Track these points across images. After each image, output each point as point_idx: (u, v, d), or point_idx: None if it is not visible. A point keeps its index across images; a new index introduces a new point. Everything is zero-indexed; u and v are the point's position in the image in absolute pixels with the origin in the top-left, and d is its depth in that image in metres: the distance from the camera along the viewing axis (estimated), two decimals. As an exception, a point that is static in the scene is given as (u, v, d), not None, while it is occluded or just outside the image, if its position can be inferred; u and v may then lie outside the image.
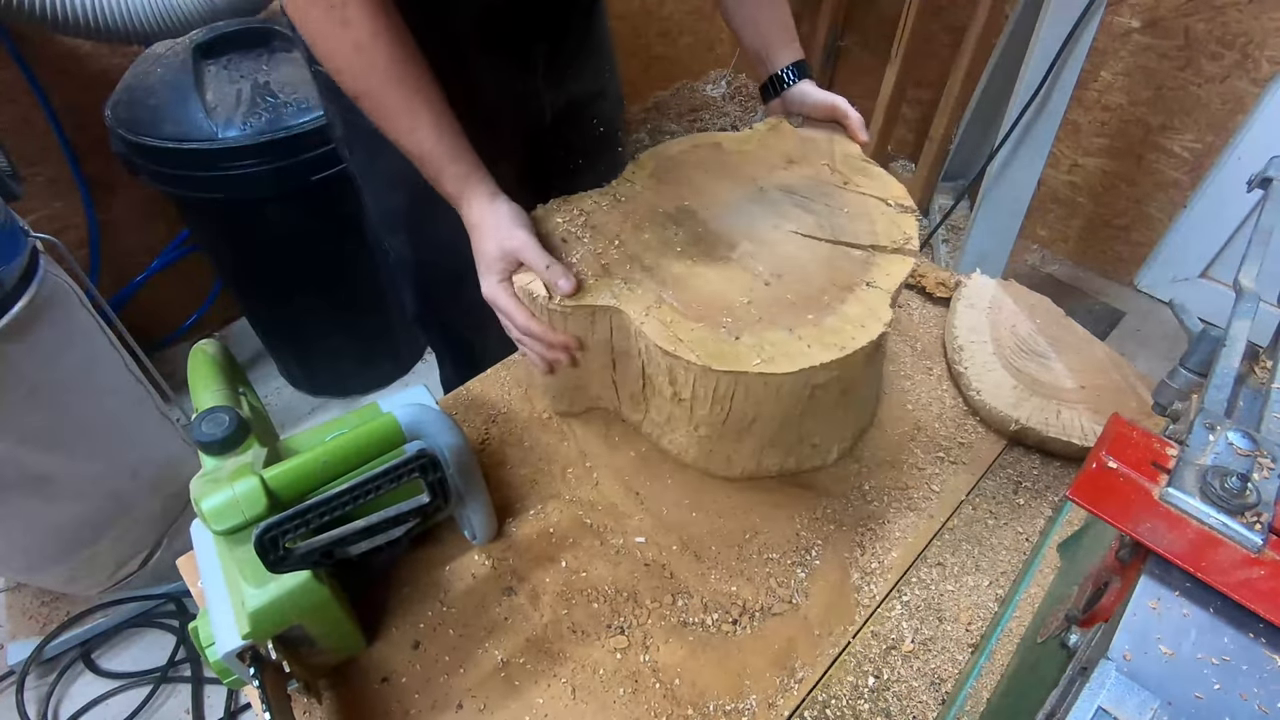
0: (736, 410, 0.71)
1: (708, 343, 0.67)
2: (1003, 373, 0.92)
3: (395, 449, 0.62)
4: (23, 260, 1.07)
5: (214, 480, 0.57)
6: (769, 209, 0.81)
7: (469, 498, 0.71)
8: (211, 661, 0.60)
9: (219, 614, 0.59)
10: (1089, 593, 0.49)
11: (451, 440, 0.66)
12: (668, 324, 0.69)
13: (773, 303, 0.71)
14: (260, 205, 1.54)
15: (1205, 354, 0.60)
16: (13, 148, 1.41)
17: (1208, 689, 0.37)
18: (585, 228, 0.80)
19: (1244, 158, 2.01)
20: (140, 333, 1.48)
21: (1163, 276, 2.34)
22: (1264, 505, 0.42)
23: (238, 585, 0.58)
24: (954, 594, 0.75)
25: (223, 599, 0.60)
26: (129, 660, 1.51)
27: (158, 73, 1.42)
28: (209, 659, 0.60)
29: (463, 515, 0.75)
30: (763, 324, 0.69)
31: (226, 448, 0.64)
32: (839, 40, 2.78)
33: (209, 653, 0.60)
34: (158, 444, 1.41)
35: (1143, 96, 2.10)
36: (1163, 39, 1.99)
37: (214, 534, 0.57)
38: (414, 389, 0.78)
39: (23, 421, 1.14)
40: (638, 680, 0.67)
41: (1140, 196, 2.26)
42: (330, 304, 1.86)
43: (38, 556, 1.32)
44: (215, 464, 0.63)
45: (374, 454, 0.61)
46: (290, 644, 0.61)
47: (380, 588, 0.73)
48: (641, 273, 0.74)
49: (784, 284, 0.73)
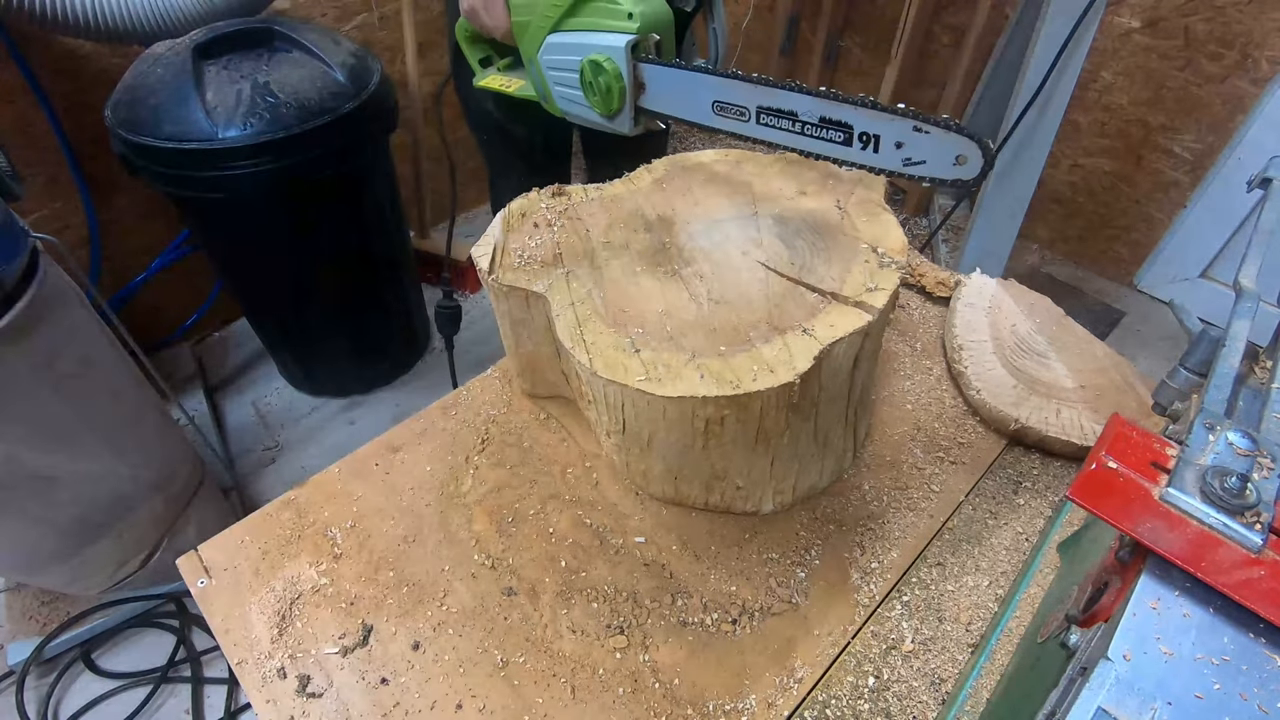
0: (630, 424, 0.70)
1: (606, 349, 0.66)
2: (1002, 372, 0.92)
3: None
4: (23, 260, 1.07)
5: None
6: (747, 235, 0.79)
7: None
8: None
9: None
10: (1089, 593, 0.49)
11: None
12: (580, 321, 0.69)
13: (695, 326, 0.68)
14: (260, 205, 1.54)
15: (1205, 354, 0.60)
16: (13, 148, 1.41)
17: (1208, 689, 0.37)
18: (564, 216, 0.81)
19: (1244, 158, 2.01)
20: (140, 333, 1.49)
21: (1163, 276, 2.34)
22: (1264, 505, 0.42)
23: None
24: (954, 594, 0.75)
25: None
26: (129, 660, 1.51)
27: (158, 73, 1.42)
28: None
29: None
30: (671, 344, 0.66)
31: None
32: (839, 40, 2.78)
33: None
34: (158, 444, 1.41)
35: (1143, 96, 2.11)
36: (1163, 39, 1.99)
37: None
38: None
39: (23, 422, 1.14)
40: (637, 680, 0.67)
41: (1140, 196, 2.26)
42: (330, 304, 1.87)
43: (38, 556, 1.32)
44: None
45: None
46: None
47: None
48: (588, 268, 0.75)
49: (718, 310, 0.70)
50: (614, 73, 0.80)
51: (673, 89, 0.80)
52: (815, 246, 0.76)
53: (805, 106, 0.69)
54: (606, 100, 0.82)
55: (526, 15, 0.91)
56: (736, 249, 0.77)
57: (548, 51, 0.89)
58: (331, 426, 2.04)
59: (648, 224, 0.80)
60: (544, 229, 0.79)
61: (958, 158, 0.63)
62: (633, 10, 0.79)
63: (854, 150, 0.69)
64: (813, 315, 0.68)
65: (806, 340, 0.65)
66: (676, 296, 0.72)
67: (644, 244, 0.78)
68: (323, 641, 0.70)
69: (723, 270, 0.74)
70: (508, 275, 0.75)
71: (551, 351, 0.81)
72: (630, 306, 0.71)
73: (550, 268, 0.75)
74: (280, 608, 0.72)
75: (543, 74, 0.92)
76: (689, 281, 0.73)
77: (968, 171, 0.63)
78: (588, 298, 0.72)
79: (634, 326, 0.68)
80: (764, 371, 0.63)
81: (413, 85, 2.11)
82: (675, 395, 0.62)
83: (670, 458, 0.73)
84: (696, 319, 0.69)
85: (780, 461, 0.75)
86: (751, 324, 0.68)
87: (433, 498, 0.82)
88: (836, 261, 0.74)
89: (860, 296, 0.69)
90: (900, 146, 0.66)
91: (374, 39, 2.15)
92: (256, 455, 1.96)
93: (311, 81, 1.46)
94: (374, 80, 1.56)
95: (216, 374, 2.17)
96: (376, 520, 0.80)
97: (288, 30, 1.50)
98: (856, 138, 0.68)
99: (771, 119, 0.72)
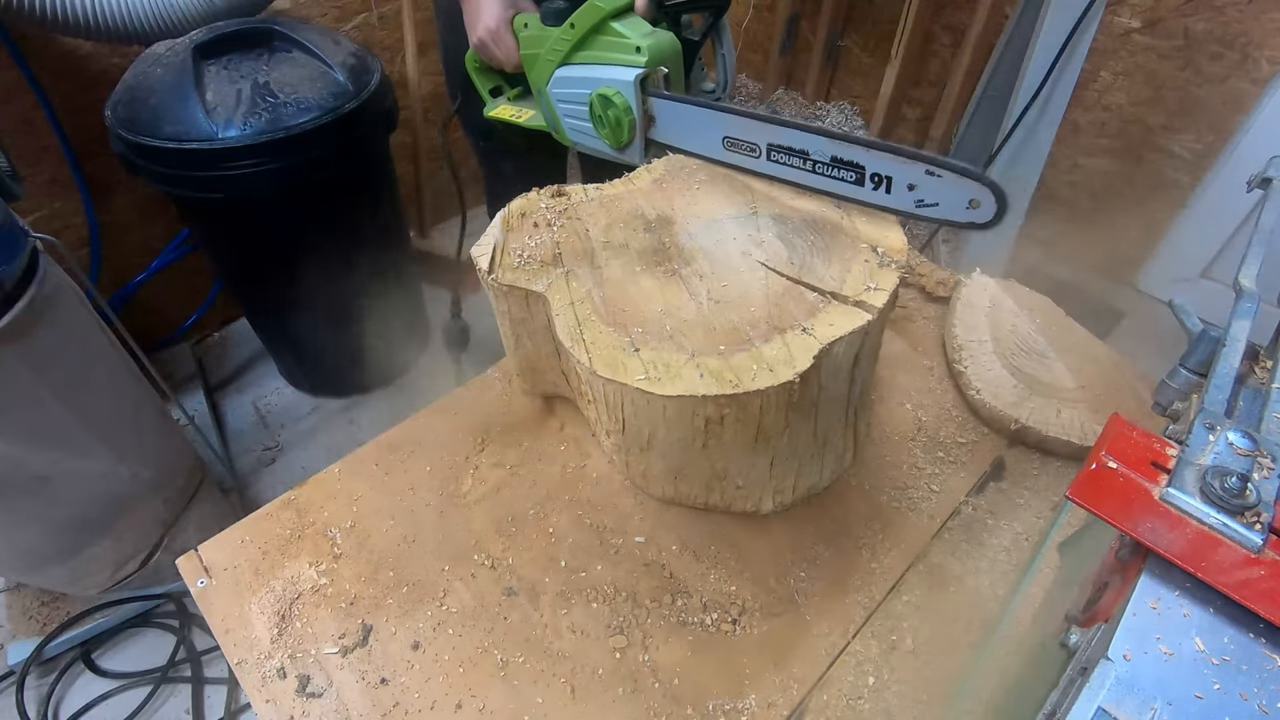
0: (630, 423, 0.70)
1: (606, 348, 0.66)
2: (1003, 372, 0.92)
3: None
4: (23, 260, 1.07)
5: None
6: (747, 234, 0.78)
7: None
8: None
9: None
10: (1089, 593, 0.49)
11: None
12: (580, 321, 0.69)
13: (694, 325, 0.68)
14: (260, 205, 1.54)
15: (1205, 354, 0.60)
16: (13, 148, 1.41)
17: (1208, 689, 0.37)
18: (563, 216, 0.81)
19: (1244, 158, 2.00)
20: (140, 333, 1.48)
21: (1163, 276, 2.34)
22: (1264, 505, 0.42)
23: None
24: (954, 594, 0.75)
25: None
26: (129, 660, 1.51)
27: (158, 73, 1.42)
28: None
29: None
30: (670, 344, 0.66)
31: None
32: (839, 40, 2.78)
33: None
34: (158, 444, 1.41)
35: (1143, 96, 2.10)
36: (1163, 39, 1.99)
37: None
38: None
39: (22, 421, 1.14)
40: (637, 680, 0.67)
41: (1140, 196, 2.26)
42: (330, 304, 1.86)
43: (38, 556, 1.32)
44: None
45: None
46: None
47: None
48: (587, 268, 0.75)
49: (717, 310, 0.70)
50: (623, 106, 0.81)
51: (683, 123, 0.80)
52: (815, 246, 0.76)
53: (817, 146, 0.69)
54: (616, 133, 0.83)
55: (535, 48, 0.91)
56: (736, 248, 0.76)
57: (557, 84, 0.90)
58: (331, 426, 2.04)
59: (647, 224, 0.80)
60: (544, 229, 0.79)
61: (971, 201, 0.62)
62: (641, 44, 0.80)
63: (866, 190, 0.69)
64: (812, 314, 0.68)
65: (806, 339, 0.65)
66: (676, 296, 0.72)
67: (644, 243, 0.78)
68: (322, 641, 0.70)
69: (722, 270, 0.74)
70: (507, 275, 0.75)
71: (551, 351, 0.81)
72: (630, 306, 0.71)
73: (550, 267, 0.75)
74: (280, 608, 0.72)
75: (552, 106, 0.92)
76: (688, 281, 0.73)
77: (981, 215, 0.62)
78: (587, 297, 0.72)
79: (633, 326, 0.68)
80: (764, 370, 0.63)
81: (413, 85, 2.10)
82: (675, 394, 0.62)
83: (670, 457, 0.73)
84: (696, 318, 0.69)
85: (780, 461, 0.75)
86: (751, 323, 0.68)
87: (433, 498, 0.82)
88: (836, 261, 0.73)
89: (860, 296, 0.68)
90: (913, 188, 0.65)
91: (374, 39, 2.15)
92: (256, 455, 1.96)
93: (311, 81, 1.46)
94: (374, 80, 1.56)
95: (216, 374, 2.16)
96: (376, 520, 0.80)
97: (288, 30, 1.50)
98: (868, 178, 0.68)
99: (782, 156, 0.73)
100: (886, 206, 0.69)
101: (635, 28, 0.82)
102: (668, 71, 0.82)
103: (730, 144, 0.77)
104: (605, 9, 0.83)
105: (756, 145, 0.74)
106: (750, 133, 0.74)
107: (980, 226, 0.63)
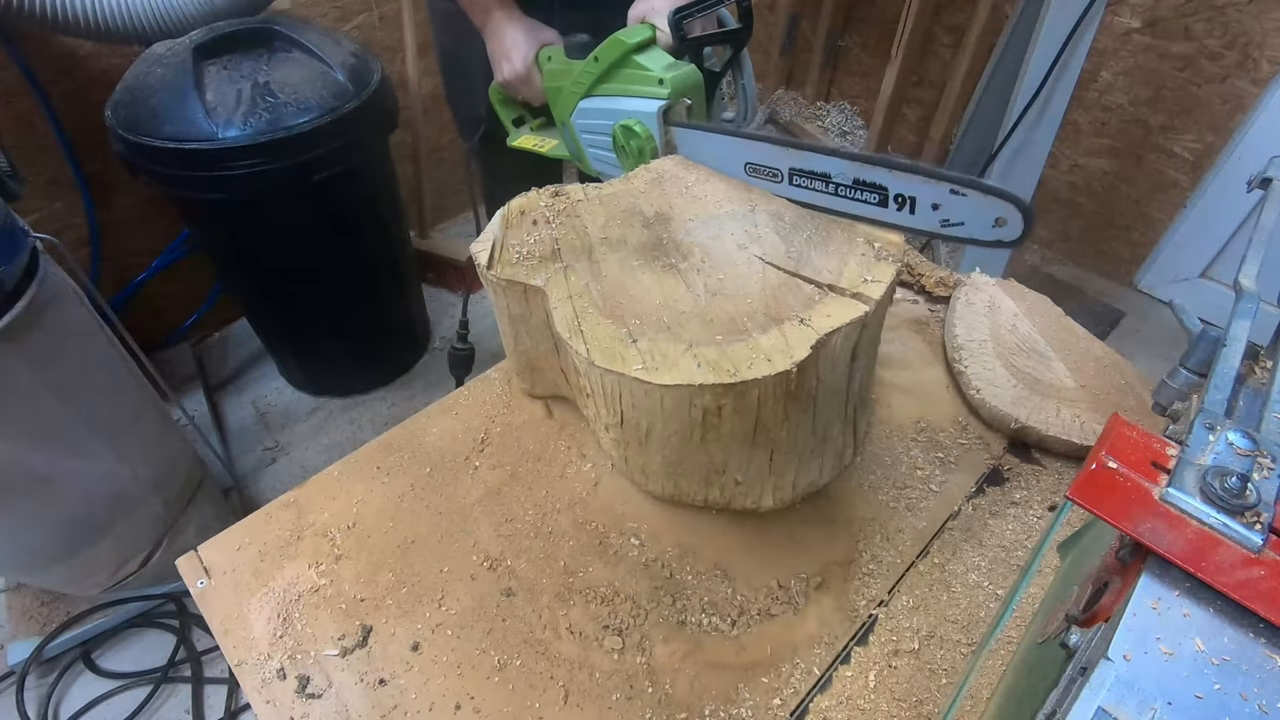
0: (629, 415, 0.71)
1: (603, 339, 0.67)
2: (1003, 372, 0.92)
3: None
4: (23, 260, 1.07)
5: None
6: (745, 229, 0.78)
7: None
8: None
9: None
10: (1089, 593, 0.49)
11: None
12: (578, 314, 0.69)
13: (691, 317, 0.69)
14: (260, 205, 1.54)
15: (1205, 354, 0.60)
16: (13, 148, 1.41)
17: (1208, 689, 0.37)
18: (562, 214, 0.81)
19: (1244, 158, 2.01)
20: (140, 333, 1.48)
21: (1163, 276, 2.34)
22: (1264, 505, 0.42)
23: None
24: (954, 594, 0.75)
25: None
26: (129, 660, 1.51)
27: (158, 73, 1.42)
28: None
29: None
30: (668, 334, 0.67)
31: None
32: (839, 40, 2.78)
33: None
34: (158, 444, 1.41)
35: (1143, 96, 2.10)
36: (1163, 39, 1.99)
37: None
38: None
39: (22, 421, 1.14)
40: (634, 682, 0.67)
41: (1140, 196, 2.26)
42: (330, 304, 1.87)
43: (38, 556, 1.32)
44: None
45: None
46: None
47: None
48: (586, 263, 0.75)
49: (714, 302, 0.70)
50: (646, 136, 0.82)
51: (705, 151, 0.81)
52: (812, 240, 0.76)
53: (839, 169, 0.69)
54: (639, 162, 0.84)
55: (559, 81, 0.92)
56: (733, 243, 0.77)
57: (581, 116, 0.90)
58: (331, 426, 2.04)
59: (645, 220, 0.80)
60: (542, 226, 0.80)
61: (997, 220, 0.61)
62: (664, 77, 0.81)
63: (890, 211, 0.69)
64: (809, 306, 0.68)
65: (803, 330, 0.66)
66: (673, 289, 0.72)
67: (641, 239, 0.78)
68: (322, 642, 0.70)
69: (719, 263, 0.75)
70: (506, 270, 0.75)
71: (550, 348, 0.81)
72: (627, 299, 0.71)
73: (548, 263, 0.75)
74: (280, 609, 0.72)
75: (576, 137, 0.93)
76: (686, 275, 0.74)
77: (1008, 233, 0.62)
78: (585, 291, 0.72)
79: (631, 318, 0.69)
80: (761, 360, 0.63)
81: (413, 85, 2.11)
82: (672, 383, 0.62)
83: (669, 451, 0.73)
84: (693, 310, 0.69)
85: (779, 456, 0.75)
86: (748, 315, 0.68)
87: (432, 499, 0.82)
88: (833, 254, 0.74)
89: (857, 288, 0.69)
90: (937, 208, 0.65)
91: (374, 39, 2.15)
92: (256, 455, 1.96)
93: (311, 81, 1.46)
94: (374, 80, 1.56)
95: (216, 374, 2.17)
96: (376, 521, 0.80)
97: (288, 30, 1.50)
98: (892, 199, 0.67)
99: (805, 180, 0.73)
100: (911, 227, 0.68)
101: (657, 60, 0.84)
102: (690, 103, 0.82)
103: (752, 170, 0.77)
104: (628, 43, 0.84)
105: (778, 170, 0.74)
106: (772, 158, 0.74)
107: (1007, 245, 0.62)
